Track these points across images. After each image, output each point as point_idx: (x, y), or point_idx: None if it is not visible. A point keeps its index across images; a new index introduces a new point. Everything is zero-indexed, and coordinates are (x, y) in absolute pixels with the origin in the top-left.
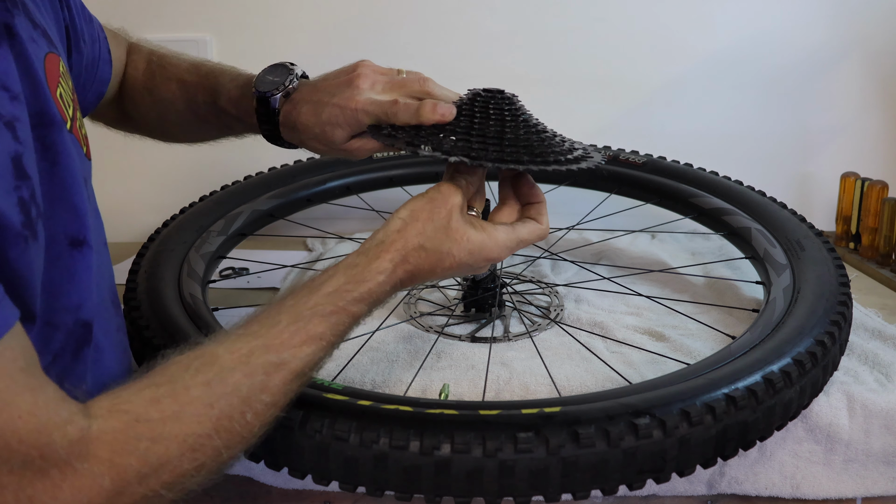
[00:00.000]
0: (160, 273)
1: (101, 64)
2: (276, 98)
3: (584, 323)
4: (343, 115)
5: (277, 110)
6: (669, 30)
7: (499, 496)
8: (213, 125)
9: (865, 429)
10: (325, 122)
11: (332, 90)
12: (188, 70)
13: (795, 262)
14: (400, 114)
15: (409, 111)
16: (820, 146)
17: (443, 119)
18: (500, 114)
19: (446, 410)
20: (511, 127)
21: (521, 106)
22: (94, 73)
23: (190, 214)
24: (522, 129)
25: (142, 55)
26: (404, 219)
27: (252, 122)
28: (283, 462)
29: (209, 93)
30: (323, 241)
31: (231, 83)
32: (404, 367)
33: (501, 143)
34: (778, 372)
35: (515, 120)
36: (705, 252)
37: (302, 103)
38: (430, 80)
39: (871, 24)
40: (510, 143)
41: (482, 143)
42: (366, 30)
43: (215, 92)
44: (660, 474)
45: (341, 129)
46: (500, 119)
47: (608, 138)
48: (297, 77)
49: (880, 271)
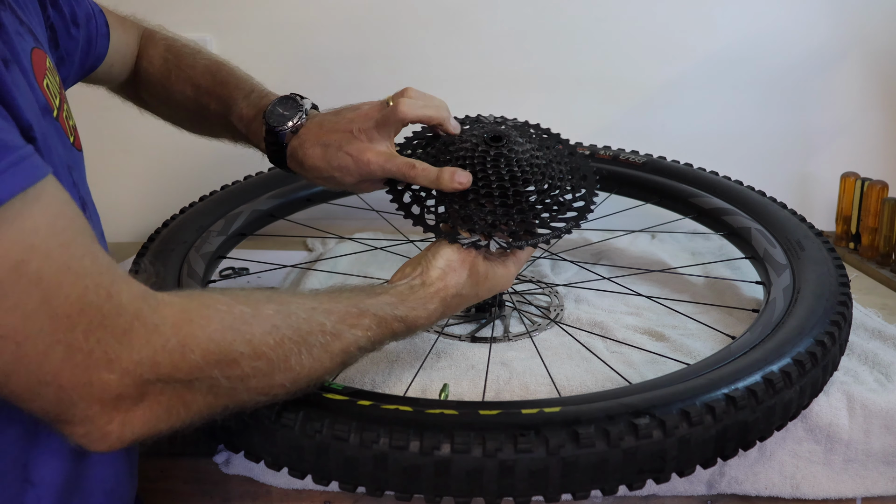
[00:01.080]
0: (160, 273)
1: (98, 39)
2: (285, 133)
3: (584, 323)
4: (355, 166)
5: (285, 144)
6: (669, 30)
7: (498, 496)
8: (222, 130)
9: (865, 429)
10: (336, 168)
11: (341, 138)
12: (203, 74)
13: (795, 262)
14: (418, 178)
15: (427, 177)
16: (820, 146)
17: (461, 187)
18: (501, 171)
19: (446, 410)
20: (515, 190)
21: (518, 150)
22: (93, 49)
23: (190, 214)
24: (524, 189)
25: (158, 49)
26: (443, 269)
27: (260, 144)
28: (283, 462)
29: (222, 104)
30: (323, 241)
31: (244, 101)
32: (404, 367)
33: (513, 211)
34: (778, 372)
35: (518, 178)
36: (705, 252)
37: (310, 144)
38: (447, 118)
39: (871, 24)
40: (520, 209)
41: (497, 211)
42: (366, 30)
43: (228, 106)
44: (660, 474)
45: (351, 176)
46: (505, 178)
47: (608, 138)
48: (306, 112)
49: (880, 271)
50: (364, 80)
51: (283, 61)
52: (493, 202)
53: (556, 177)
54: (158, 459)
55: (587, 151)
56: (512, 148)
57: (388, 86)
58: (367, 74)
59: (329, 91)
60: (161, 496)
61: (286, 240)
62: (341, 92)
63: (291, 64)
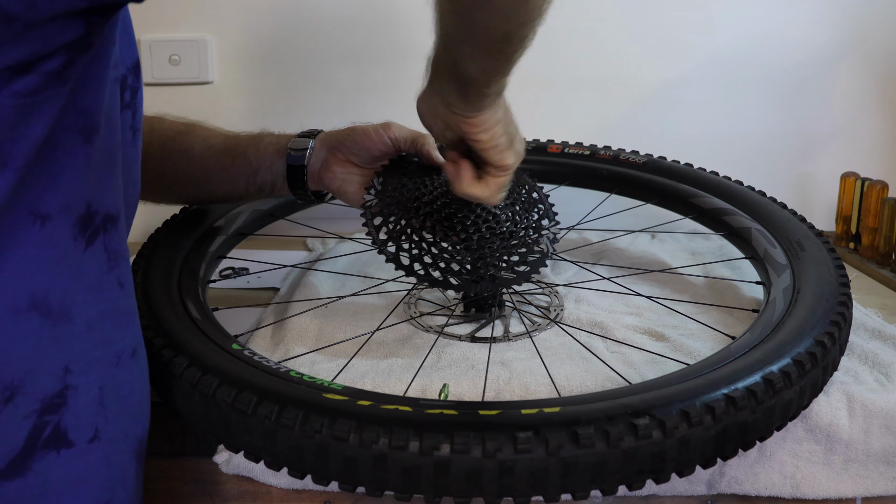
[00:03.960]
0: (160, 273)
1: None
2: (304, 156)
3: (584, 323)
4: (375, 133)
5: (306, 165)
6: (669, 30)
7: (498, 496)
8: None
9: (865, 429)
10: (359, 136)
11: (350, 130)
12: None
13: (795, 263)
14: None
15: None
16: (820, 146)
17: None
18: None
19: (446, 411)
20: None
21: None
22: None
23: (190, 214)
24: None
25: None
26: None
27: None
28: (283, 462)
29: (240, 168)
30: (323, 241)
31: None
32: (404, 367)
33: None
34: (778, 372)
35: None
36: (705, 252)
37: (326, 142)
38: (433, 144)
39: (871, 24)
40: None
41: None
42: (364, 29)
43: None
44: (659, 475)
45: (372, 142)
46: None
47: (608, 138)
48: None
49: (880, 271)
50: (364, 81)
51: (282, 61)
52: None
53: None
54: (158, 459)
55: (587, 151)
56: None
57: (388, 86)
58: (368, 75)
59: (329, 91)
60: (161, 496)
61: (286, 240)
62: (341, 92)
63: (291, 64)
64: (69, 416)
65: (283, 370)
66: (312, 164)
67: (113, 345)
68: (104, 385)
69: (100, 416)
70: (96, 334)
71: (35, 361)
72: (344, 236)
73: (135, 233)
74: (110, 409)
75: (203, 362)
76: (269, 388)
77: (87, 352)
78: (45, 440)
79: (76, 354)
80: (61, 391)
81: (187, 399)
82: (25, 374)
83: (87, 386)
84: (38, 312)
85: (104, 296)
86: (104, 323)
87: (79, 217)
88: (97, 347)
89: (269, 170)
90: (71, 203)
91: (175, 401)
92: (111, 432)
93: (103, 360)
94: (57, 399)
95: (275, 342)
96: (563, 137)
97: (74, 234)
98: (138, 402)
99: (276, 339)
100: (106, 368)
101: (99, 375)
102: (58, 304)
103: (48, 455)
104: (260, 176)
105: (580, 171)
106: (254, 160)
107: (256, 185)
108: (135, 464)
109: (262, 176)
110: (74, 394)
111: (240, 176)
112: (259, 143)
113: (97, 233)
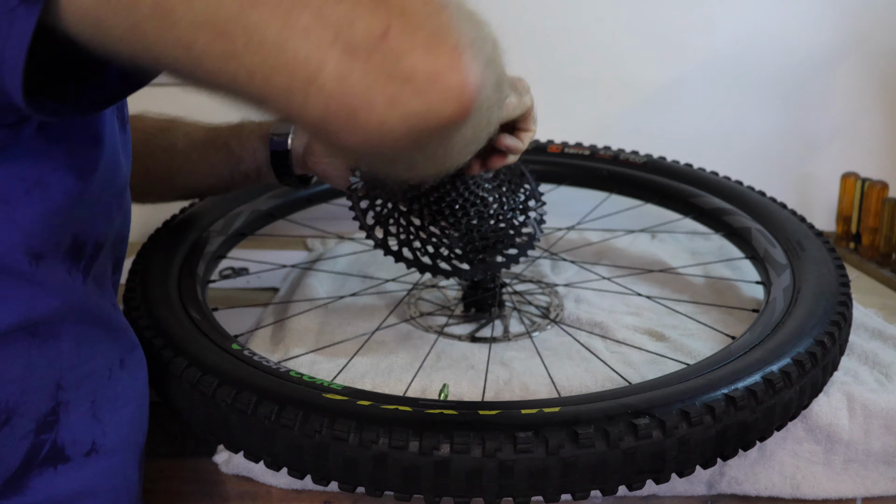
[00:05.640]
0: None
1: None
2: (285, 140)
3: (584, 323)
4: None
5: (289, 150)
6: (669, 30)
7: (498, 496)
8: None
9: (865, 429)
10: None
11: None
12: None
13: (795, 263)
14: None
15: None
16: (820, 146)
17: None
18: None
19: (446, 410)
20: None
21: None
22: None
23: (190, 214)
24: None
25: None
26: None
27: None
28: (282, 462)
29: (223, 157)
30: (323, 241)
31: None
32: (404, 367)
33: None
34: (778, 372)
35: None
36: (705, 252)
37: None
38: None
39: (871, 24)
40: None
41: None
42: None
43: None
44: (659, 475)
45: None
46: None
47: (608, 138)
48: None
49: (880, 271)
50: None
51: None
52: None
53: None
54: (158, 459)
55: (587, 151)
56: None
57: None
58: None
59: None
60: (161, 496)
61: (286, 240)
62: None
63: None
64: (64, 431)
65: (282, 370)
66: (296, 148)
67: (102, 357)
68: (96, 398)
69: (96, 428)
70: (84, 349)
71: (28, 381)
72: (344, 236)
73: (135, 233)
74: (106, 421)
75: (203, 362)
76: (269, 388)
77: (77, 367)
78: (42, 458)
79: (66, 370)
80: (54, 408)
81: (187, 399)
82: (20, 394)
83: (78, 400)
84: (24, 332)
85: (91, 312)
86: (91, 336)
87: (67, 250)
88: (86, 362)
89: (253, 157)
90: (61, 238)
91: (175, 401)
92: (110, 444)
93: (92, 374)
94: (51, 417)
95: (274, 342)
96: (563, 137)
97: (67, 266)
98: (136, 412)
99: (275, 340)
100: (97, 381)
101: (90, 389)
102: (45, 326)
103: (46, 472)
104: (244, 164)
105: (580, 171)
106: (237, 149)
107: (241, 174)
108: (137, 472)
109: (246, 164)
110: (66, 409)
111: (224, 167)
112: (241, 132)
113: (91, 262)
